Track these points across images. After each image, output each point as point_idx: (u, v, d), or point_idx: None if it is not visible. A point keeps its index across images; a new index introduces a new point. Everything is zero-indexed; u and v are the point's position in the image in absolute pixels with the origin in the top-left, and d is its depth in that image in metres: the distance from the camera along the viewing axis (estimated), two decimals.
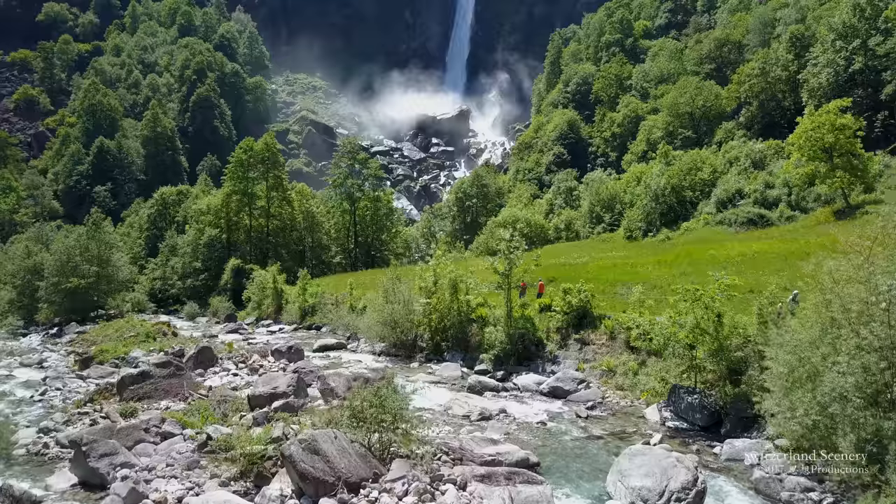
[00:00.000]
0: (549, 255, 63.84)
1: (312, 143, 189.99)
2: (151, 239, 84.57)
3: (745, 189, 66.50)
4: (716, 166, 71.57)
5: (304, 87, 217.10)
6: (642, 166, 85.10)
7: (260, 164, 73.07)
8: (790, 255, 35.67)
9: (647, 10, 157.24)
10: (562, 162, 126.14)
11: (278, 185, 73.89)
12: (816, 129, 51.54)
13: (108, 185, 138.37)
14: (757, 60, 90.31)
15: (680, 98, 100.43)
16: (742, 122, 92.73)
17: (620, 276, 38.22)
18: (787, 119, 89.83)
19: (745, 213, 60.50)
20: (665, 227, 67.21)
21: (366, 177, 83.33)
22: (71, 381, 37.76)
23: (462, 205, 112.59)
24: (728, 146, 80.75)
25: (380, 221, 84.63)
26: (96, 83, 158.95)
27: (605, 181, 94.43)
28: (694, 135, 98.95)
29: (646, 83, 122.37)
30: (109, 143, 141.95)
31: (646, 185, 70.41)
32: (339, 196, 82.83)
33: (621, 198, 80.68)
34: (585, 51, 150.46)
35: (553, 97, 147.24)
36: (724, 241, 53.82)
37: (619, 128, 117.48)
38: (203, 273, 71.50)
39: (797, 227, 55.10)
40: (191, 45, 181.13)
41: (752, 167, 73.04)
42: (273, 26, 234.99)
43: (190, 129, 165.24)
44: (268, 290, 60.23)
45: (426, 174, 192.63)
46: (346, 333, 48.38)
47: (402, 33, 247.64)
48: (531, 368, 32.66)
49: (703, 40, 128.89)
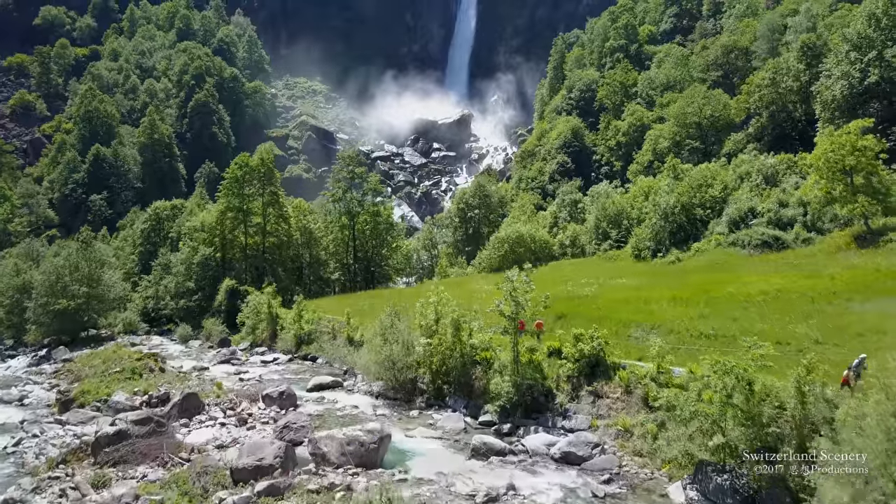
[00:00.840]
0: (555, 277, 61.53)
1: (312, 148, 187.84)
2: (145, 255, 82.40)
3: (758, 208, 64.03)
4: (726, 182, 69.13)
5: (304, 92, 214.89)
6: (649, 180, 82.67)
7: (256, 180, 70.80)
8: (817, 297, 33.32)
9: (651, 14, 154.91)
10: (565, 171, 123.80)
11: (274, 201, 71.61)
12: (836, 151, 49.18)
13: (104, 193, 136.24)
14: (767, 70, 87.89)
15: (687, 108, 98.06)
16: (751, 134, 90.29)
17: (634, 316, 35.87)
18: (798, 131, 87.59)
19: (758, 235, 58.08)
20: (675, 247, 64.80)
21: (365, 191, 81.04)
22: (49, 426, 35.57)
23: (464, 215, 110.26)
24: (739, 160, 78.27)
25: (380, 236, 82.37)
26: (93, 89, 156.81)
27: (610, 195, 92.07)
28: (701, 145, 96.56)
29: (651, 91, 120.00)
30: (105, 151, 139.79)
31: (654, 203, 67.95)
32: (338, 211, 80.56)
33: (628, 213, 78.27)
34: (589, 56, 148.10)
35: (556, 103, 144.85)
36: (739, 268, 51.49)
37: (625, 137, 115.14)
38: (196, 293, 69.30)
39: (815, 251, 52.69)
40: (189, 49, 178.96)
41: (764, 183, 70.61)
42: (272, 29, 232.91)
43: (188, 135, 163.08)
44: (262, 315, 57.99)
45: (427, 180, 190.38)
46: (342, 367, 46.10)
47: (403, 36, 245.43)
48: (540, 422, 30.32)
49: (710, 46, 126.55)
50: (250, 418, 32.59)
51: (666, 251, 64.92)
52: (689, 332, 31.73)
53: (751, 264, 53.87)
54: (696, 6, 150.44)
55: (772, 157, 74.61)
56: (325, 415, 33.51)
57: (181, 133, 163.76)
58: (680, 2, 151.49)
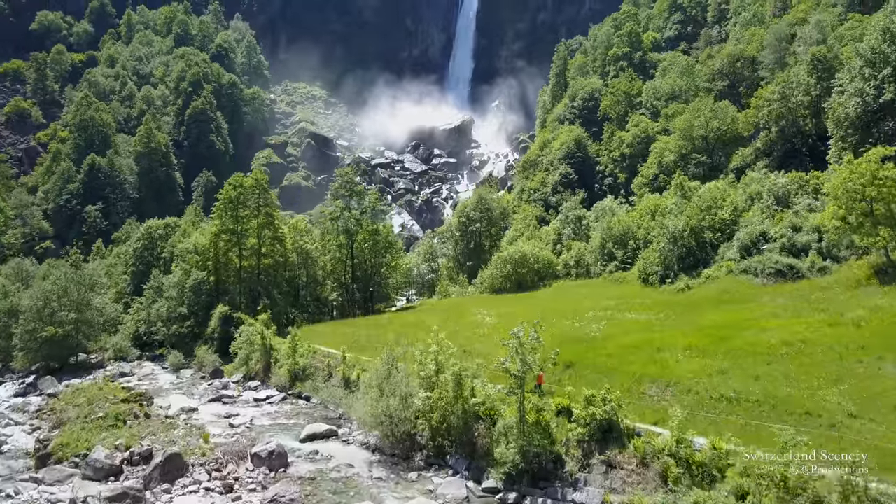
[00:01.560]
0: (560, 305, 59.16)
1: (311, 155, 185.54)
2: (137, 275, 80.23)
3: (770, 231, 61.80)
4: (736, 203, 66.85)
5: (304, 97, 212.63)
6: (656, 198, 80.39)
7: (250, 201, 68.56)
8: (845, 352, 31.06)
9: (655, 21, 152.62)
10: (568, 182, 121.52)
11: (270, 222, 69.38)
12: (856, 181, 46.93)
13: (100, 204, 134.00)
14: (777, 84, 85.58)
15: (694, 121, 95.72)
16: (760, 148, 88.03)
17: (647, 369, 33.62)
18: (808, 146, 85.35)
19: (772, 263, 55.80)
20: (684, 272, 62.53)
21: (364, 208, 78.81)
22: (24, 485, 33.38)
23: (465, 228, 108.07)
24: (748, 178, 76.02)
25: (379, 254, 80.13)
26: (89, 96, 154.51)
27: (615, 211, 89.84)
28: (708, 160, 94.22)
29: (656, 101, 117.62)
30: (101, 161, 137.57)
31: (662, 226, 65.65)
32: (336, 229, 78.33)
33: (634, 233, 76.01)
34: (592, 64, 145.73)
35: (559, 112, 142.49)
36: (753, 301, 49.30)
37: (629, 148, 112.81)
38: (189, 319, 67.09)
39: (831, 282, 50.42)
40: (187, 55, 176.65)
41: (775, 203, 68.36)
42: (272, 34, 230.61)
43: (185, 143, 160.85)
44: (256, 346, 55.79)
45: (428, 187, 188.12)
46: (338, 411, 43.86)
47: (403, 41, 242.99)
48: (548, 493, 28.11)
49: (715, 55, 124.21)
50: (237, 483, 30.33)
51: (675, 276, 62.64)
52: (708, 394, 29.50)
53: (764, 295, 51.66)
54: (700, 13, 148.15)
55: (783, 177, 72.35)
56: (318, 478, 31.26)
57: (178, 141, 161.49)
58: (684, 9, 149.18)
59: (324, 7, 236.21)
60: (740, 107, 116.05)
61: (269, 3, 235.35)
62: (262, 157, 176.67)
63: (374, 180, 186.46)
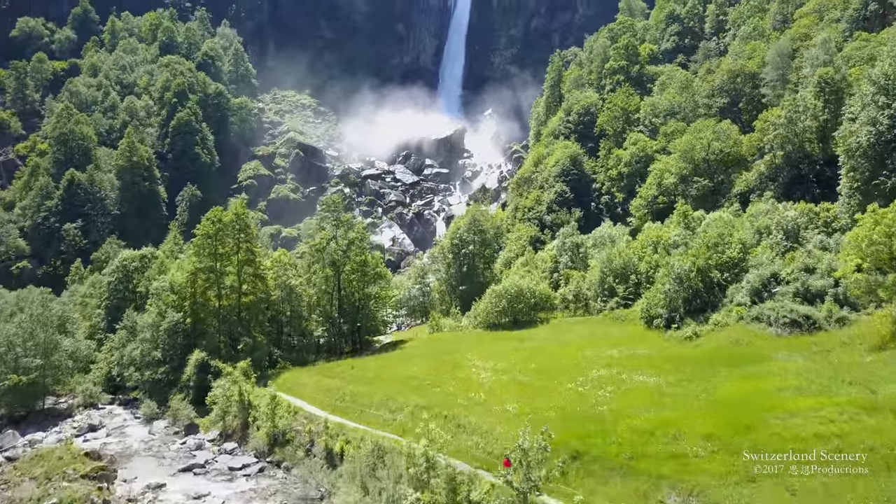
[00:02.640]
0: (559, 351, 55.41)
1: (300, 167, 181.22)
2: (112, 310, 76.01)
3: (782, 273, 58.29)
4: (744, 240, 63.29)
5: (292, 106, 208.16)
6: (658, 228, 76.71)
7: (229, 238, 64.44)
8: (892, 459, 27.32)
9: (652, 32, 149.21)
10: (564, 201, 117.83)
11: (251, 259, 65.28)
12: (881, 233, 43.42)
13: (79, 221, 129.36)
14: (783, 108, 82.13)
15: (695, 142, 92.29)
16: (765, 174, 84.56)
17: (665, 468, 29.85)
18: (815, 172, 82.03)
19: (786, 312, 52.21)
20: (691, 315, 58.88)
21: (351, 239, 74.82)
22: None
23: (457, 251, 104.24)
24: (755, 209, 72.61)
25: (367, 285, 76.15)
26: (70, 108, 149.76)
27: (615, 240, 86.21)
28: (710, 183, 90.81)
29: (654, 118, 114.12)
30: (80, 176, 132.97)
31: (666, 265, 61.95)
32: (322, 261, 74.31)
33: (636, 266, 72.38)
34: (588, 76, 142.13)
35: (554, 126, 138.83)
36: (769, 357, 45.82)
37: (627, 167, 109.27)
38: (164, 365, 62.94)
39: (853, 336, 46.91)
40: (172, 64, 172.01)
41: (785, 239, 64.96)
42: (260, 40, 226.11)
43: (169, 155, 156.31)
44: (233, 402, 51.80)
45: (419, 199, 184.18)
46: (319, 488, 39.91)
47: (395, 47, 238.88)
48: None
49: (715, 70, 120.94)
50: None
51: (681, 321, 58.97)
52: None
53: (780, 348, 48.15)
54: (698, 24, 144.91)
55: (792, 209, 68.90)
56: None
57: (162, 154, 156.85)
58: (682, 20, 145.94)
59: (313, 13, 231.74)
60: (741, 123, 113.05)
61: (258, 8, 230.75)
62: (248, 170, 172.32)
63: (363, 192, 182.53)
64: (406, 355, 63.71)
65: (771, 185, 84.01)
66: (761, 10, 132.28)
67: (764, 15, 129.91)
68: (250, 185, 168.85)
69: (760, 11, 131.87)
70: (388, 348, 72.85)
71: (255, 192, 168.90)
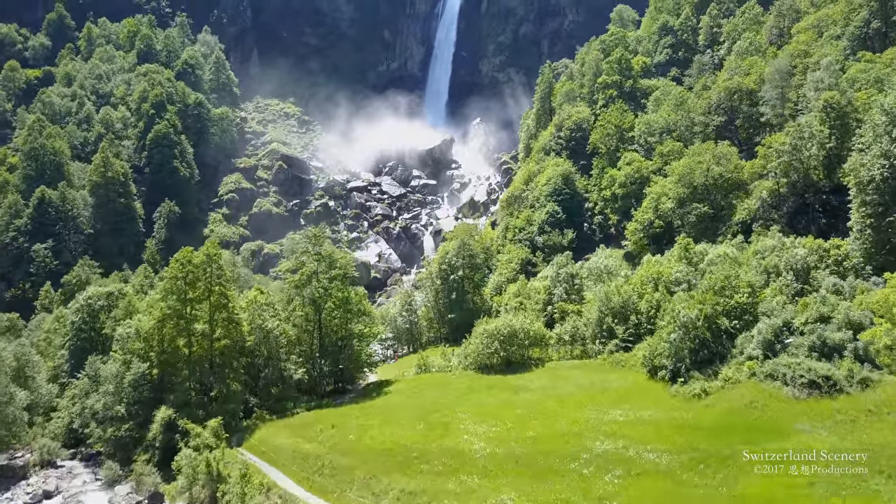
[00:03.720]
0: (558, 409, 50.96)
1: (283, 179, 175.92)
2: (76, 352, 70.69)
3: (795, 322, 54.37)
4: (752, 282, 59.30)
5: (276, 115, 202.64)
6: (658, 261, 72.61)
7: (201, 280, 59.53)
8: None
9: (645, 45, 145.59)
10: (556, 221, 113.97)
11: (224, 304, 60.42)
12: None
13: (50, 242, 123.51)
14: (788, 134, 78.36)
15: (695, 167, 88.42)
16: (768, 201, 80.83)
17: None
18: (821, 201, 78.37)
19: (803, 371, 48.22)
20: (698, 368, 54.70)
21: (334, 275, 70.15)
22: None
23: (446, 276, 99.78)
24: (760, 244, 68.68)
25: (350, 323, 71.54)
26: (42, 120, 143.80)
27: (611, 269, 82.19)
28: (710, 210, 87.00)
29: (650, 136, 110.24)
30: (52, 194, 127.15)
31: (671, 312, 57.72)
32: (302, 298, 69.59)
33: (636, 304, 68.29)
34: (580, 90, 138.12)
35: (544, 141, 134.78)
36: (787, 426, 41.90)
37: (622, 188, 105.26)
38: (127, 422, 57.93)
39: (880, 404, 43.11)
40: (150, 73, 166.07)
41: (794, 279, 61.12)
42: (243, 47, 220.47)
43: (146, 169, 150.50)
44: (199, 472, 47.06)
45: (406, 212, 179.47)
46: None
47: (381, 54, 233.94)
48: None
49: (711, 86, 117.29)
50: None
51: (687, 373, 54.80)
52: None
53: (801, 415, 44.21)
54: (691, 37, 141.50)
55: (800, 245, 65.10)
56: None
57: (139, 167, 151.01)
58: (675, 32, 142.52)
59: (297, 19, 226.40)
60: (737, 142, 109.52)
61: (241, 14, 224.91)
62: (230, 183, 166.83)
63: (349, 205, 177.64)
64: (391, 407, 59.15)
65: (774, 214, 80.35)
66: (756, 22, 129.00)
67: (760, 28, 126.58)
68: (231, 198, 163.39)
69: (756, 24, 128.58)
70: (372, 393, 68.27)
71: (236, 206, 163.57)
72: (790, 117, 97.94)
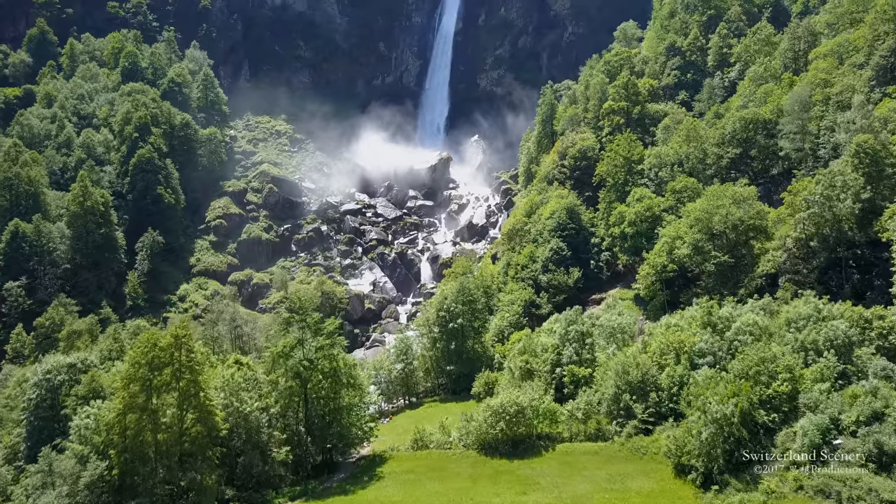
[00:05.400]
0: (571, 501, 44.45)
1: (274, 202, 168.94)
2: (34, 432, 63.58)
3: (843, 419, 47.79)
4: (791, 366, 52.59)
5: (267, 133, 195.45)
6: (677, 332, 65.59)
7: (167, 368, 52.66)
8: None
9: (651, 65, 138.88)
10: (561, 259, 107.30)
11: (194, 392, 53.49)
12: None
13: (23, 279, 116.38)
14: (818, 183, 71.71)
15: (713, 211, 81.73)
16: (795, 253, 74.26)
17: None
18: (855, 256, 71.80)
19: (861, 492, 41.69)
20: (734, 472, 48.07)
21: (320, 345, 63.33)
22: None
23: (445, 324, 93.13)
24: (793, 311, 61.84)
25: (338, 395, 64.71)
26: (18, 145, 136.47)
27: (625, 328, 75.40)
28: (731, 259, 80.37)
29: (660, 171, 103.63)
30: (26, 227, 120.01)
31: (702, 409, 50.76)
32: (286, 373, 62.71)
33: (655, 378, 61.63)
34: (584, 114, 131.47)
35: (547, 169, 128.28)
36: None
37: (631, 227, 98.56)
38: None
39: None
40: (135, 94, 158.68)
41: (837, 358, 54.43)
42: (234, 61, 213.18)
43: (129, 196, 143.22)
44: None
45: (402, 236, 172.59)
46: None
47: (376, 67, 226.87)
48: None
49: (724, 114, 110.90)
50: None
51: (721, 476, 48.06)
52: None
53: None
54: (700, 58, 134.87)
55: (839, 317, 58.50)
56: None
57: (121, 192, 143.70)
58: (683, 52, 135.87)
59: (291, 31, 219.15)
60: (752, 173, 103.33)
61: (231, 27, 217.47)
62: (217, 208, 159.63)
63: (342, 229, 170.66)
64: None
65: (802, 267, 73.75)
66: (769, 43, 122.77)
67: (772, 49, 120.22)
68: (219, 225, 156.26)
69: (768, 45, 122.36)
70: (362, 476, 61.54)
71: (224, 232, 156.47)
72: (810, 151, 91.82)
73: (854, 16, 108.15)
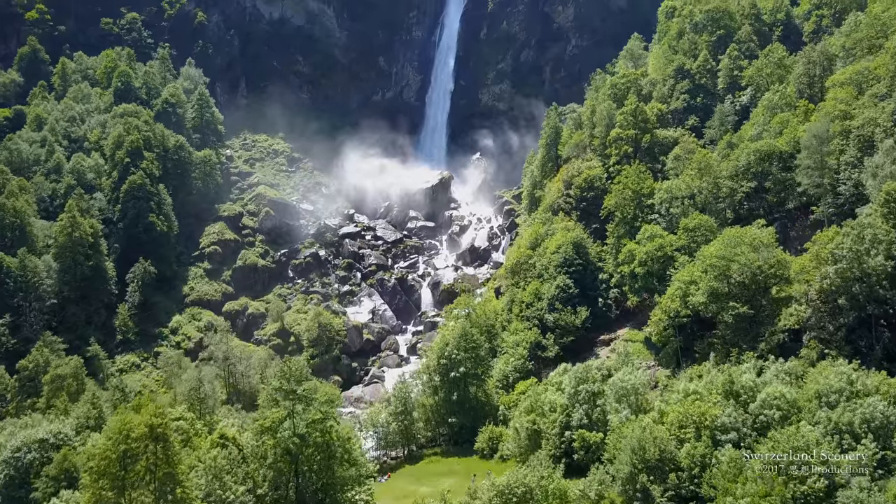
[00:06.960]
0: None
1: (271, 226, 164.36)
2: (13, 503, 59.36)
3: None
4: (830, 459, 47.83)
5: (264, 153, 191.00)
6: (696, 403, 60.73)
7: (141, 461, 48.08)
8: None
9: (659, 88, 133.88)
10: (568, 297, 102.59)
11: (171, 487, 48.87)
12: None
13: (7, 317, 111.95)
14: (846, 235, 66.96)
15: (731, 259, 76.89)
16: (821, 309, 69.49)
17: None
18: (886, 314, 67.07)
19: None
20: None
21: (312, 418, 58.73)
22: None
23: (446, 373, 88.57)
24: (823, 382, 57.06)
25: (332, 471, 60.12)
26: (6, 173, 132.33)
27: (638, 388, 70.55)
28: (750, 311, 75.56)
29: (672, 207, 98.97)
30: (11, 262, 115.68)
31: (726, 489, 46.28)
32: (275, 448, 58.12)
33: (674, 455, 56.92)
34: (591, 140, 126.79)
35: (552, 199, 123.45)
36: None
37: (642, 267, 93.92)
38: None
39: None
40: (128, 115, 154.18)
41: (877, 443, 49.71)
42: (230, 77, 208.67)
43: (120, 224, 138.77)
44: None
45: (402, 260, 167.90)
46: None
47: (376, 83, 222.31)
48: None
49: (736, 143, 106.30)
50: None
51: None
52: None
53: None
54: (710, 80, 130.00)
55: (876, 393, 53.78)
56: None
57: (112, 220, 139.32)
58: (692, 75, 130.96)
59: (289, 47, 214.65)
60: (767, 208, 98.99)
61: (228, 42, 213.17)
62: (212, 234, 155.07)
63: (341, 253, 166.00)
64: None
65: (828, 324, 69.02)
66: (781, 66, 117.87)
67: (785, 73, 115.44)
68: (214, 251, 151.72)
69: (780, 68, 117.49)
70: None
71: (219, 259, 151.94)
72: (830, 187, 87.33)
73: (873, 41, 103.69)
